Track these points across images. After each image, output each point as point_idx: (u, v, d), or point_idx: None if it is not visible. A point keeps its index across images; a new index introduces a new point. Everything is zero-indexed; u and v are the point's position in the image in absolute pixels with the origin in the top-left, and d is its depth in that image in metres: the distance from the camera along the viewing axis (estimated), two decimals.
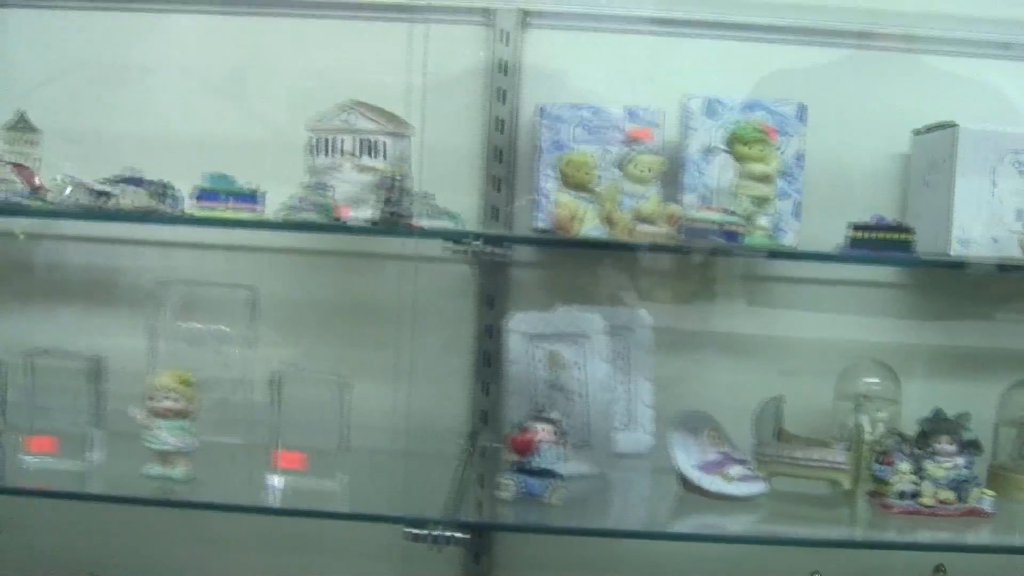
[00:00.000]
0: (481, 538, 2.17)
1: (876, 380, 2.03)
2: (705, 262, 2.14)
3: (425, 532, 1.65)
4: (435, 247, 1.95)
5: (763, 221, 1.86)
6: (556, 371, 1.95)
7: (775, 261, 2.11)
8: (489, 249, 1.68)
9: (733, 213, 1.79)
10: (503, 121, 2.15)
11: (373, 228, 1.81)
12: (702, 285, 2.19)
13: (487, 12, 2.16)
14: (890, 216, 1.91)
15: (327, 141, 1.98)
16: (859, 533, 1.85)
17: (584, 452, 1.94)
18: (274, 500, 1.81)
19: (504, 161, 2.15)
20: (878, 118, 2.14)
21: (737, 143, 1.87)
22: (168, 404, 1.78)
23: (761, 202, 1.87)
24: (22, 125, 2.14)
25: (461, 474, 1.89)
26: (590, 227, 1.81)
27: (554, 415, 1.80)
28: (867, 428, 1.92)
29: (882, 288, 2.17)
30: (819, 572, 1.93)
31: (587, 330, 1.96)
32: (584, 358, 1.96)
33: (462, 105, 2.18)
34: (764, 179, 1.87)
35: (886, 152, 2.15)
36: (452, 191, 2.02)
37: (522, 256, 2.15)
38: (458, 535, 1.66)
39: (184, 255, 2.18)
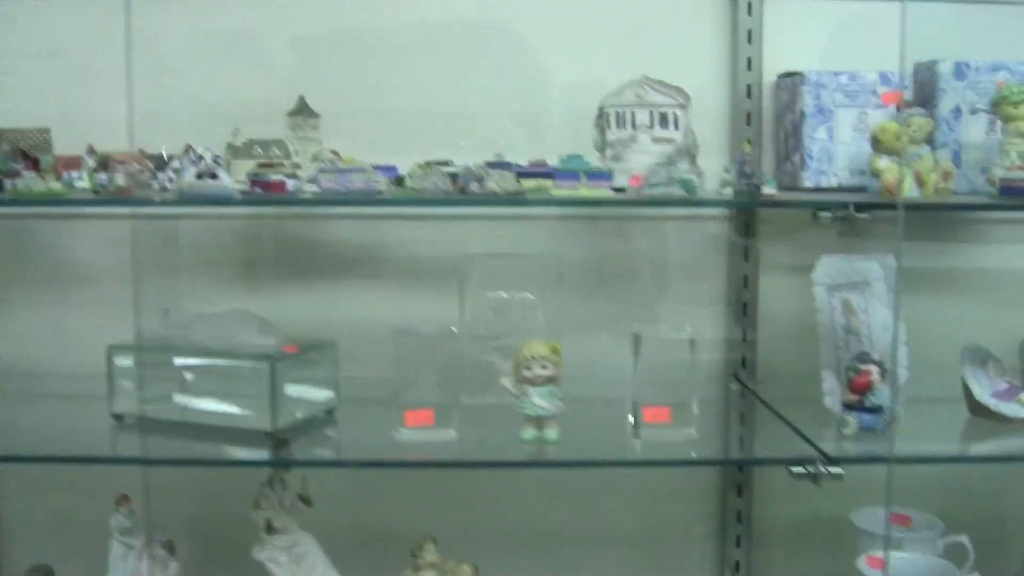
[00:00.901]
0: (742, 472, 2.39)
1: None
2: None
3: (812, 470, 1.84)
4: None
5: None
6: (849, 317, 2.15)
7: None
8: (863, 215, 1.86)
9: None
10: (750, 87, 2.32)
11: (734, 201, 1.97)
12: (925, 231, 2.42)
13: None
14: None
15: (621, 115, 2.11)
16: None
17: None
18: (643, 454, 1.96)
19: (753, 125, 2.32)
20: None
21: (1004, 104, 2.08)
22: (541, 372, 1.90)
23: None
24: (304, 110, 2.19)
25: (780, 417, 2.08)
26: (908, 189, 2.01)
27: (876, 356, 2.00)
28: None
29: None
30: None
31: (870, 277, 2.16)
32: (868, 303, 2.16)
33: (705, 73, 2.34)
34: None
35: None
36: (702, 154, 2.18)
37: (764, 213, 2.35)
38: (833, 470, 1.86)
39: (460, 226, 2.30)
